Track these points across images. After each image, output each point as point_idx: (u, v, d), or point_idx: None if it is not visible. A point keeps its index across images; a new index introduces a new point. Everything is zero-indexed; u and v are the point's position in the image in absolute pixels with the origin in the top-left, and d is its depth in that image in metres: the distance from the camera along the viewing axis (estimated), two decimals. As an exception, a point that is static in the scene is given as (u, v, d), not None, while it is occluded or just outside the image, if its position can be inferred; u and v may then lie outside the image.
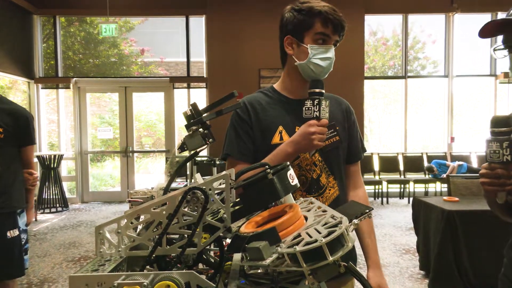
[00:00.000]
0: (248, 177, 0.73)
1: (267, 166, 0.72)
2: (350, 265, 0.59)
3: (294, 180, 0.72)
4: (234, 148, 1.31)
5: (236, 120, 1.33)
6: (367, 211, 0.69)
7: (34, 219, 6.07)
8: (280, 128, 1.29)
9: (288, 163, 0.75)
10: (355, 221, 0.65)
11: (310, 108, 1.17)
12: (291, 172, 0.72)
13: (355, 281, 1.39)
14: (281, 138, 1.28)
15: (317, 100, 1.16)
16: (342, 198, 1.34)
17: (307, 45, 1.25)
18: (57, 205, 6.80)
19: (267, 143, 1.28)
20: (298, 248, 0.55)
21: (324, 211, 0.70)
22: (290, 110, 1.32)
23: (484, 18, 8.00)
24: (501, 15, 7.87)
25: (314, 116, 1.16)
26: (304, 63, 1.26)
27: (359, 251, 1.32)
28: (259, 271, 0.67)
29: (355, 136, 1.43)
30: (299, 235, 0.61)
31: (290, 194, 0.76)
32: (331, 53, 1.25)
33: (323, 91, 1.19)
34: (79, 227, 5.62)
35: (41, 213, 6.58)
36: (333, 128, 1.29)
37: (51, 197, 6.74)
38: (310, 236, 0.58)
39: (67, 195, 7.33)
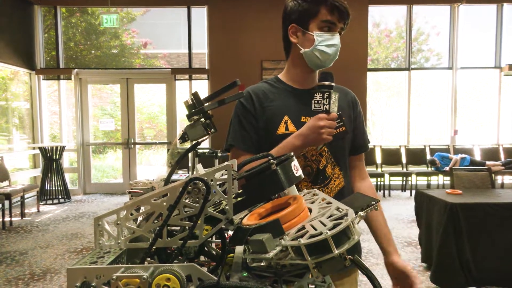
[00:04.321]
0: (251, 167, 0.71)
1: (270, 157, 0.70)
2: (356, 258, 0.57)
3: (298, 171, 0.70)
4: (238, 139, 1.30)
5: (240, 110, 1.31)
6: (374, 203, 0.67)
7: (37, 210, 6.10)
8: (286, 118, 1.27)
9: (292, 153, 0.73)
10: (361, 213, 0.63)
11: (319, 102, 1.15)
12: (295, 163, 0.70)
13: (358, 273, 1.37)
14: (287, 128, 1.26)
15: (327, 93, 1.14)
16: (347, 189, 1.33)
17: (313, 33, 1.23)
18: (60, 196, 6.82)
19: (272, 133, 1.27)
20: (303, 240, 0.53)
21: (329, 203, 0.68)
22: (296, 100, 1.29)
23: (490, 9, 7.90)
24: (507, 7, 7.77)
25: (324, 109, 1.14)
26: (309, 50, 1.24)
27: (363, 243, 1.30)
28: (262, 264, 0.65)
29: (360, 127, 1.41)
30: (303, 228, 0.59)
31: (294, 185, 0.74)
32: (336, 40, 1.23)
33: (333, 84, 1.17)
34: (82, 218, 5.64)
35: (44, 204, 6.60)
36: (340, 119, 1.27)
37: (54, 188, 6.76)
38: (315, 229, 0.56)
39: (69, 186, 7.35)
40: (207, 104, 0.82)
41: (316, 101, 1.16)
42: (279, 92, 1.32)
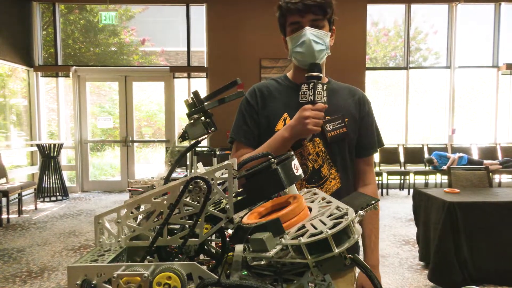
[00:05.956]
0: (252, 166, 0.71)
1: (270, 156, 0.70)
2: (356, 257, 0.58)
3: (298, 170, 0.71)
4: (240, 133, 1.33)
5: (244, 105, 1.35)
6: (373, 202, 0.68)
7: (34, 208, 6.09)
8: (285, 115, 1.29)
9: (292, 152, 0.73)
10: (361, 212, 0.63)
11: (305, 92, 1.16)
12: (295, 162, 0.71)
13: (355, 274, 1.37)
14: (285, 125, 1.27)
15: (312, 84, 1.15)
16: (344, 191, 1.29)
17: (286, 38, 1.29)
18: (57, 194, 6.80)
19: (271, 129, 1.28)
20: (303, 239, 0.54)
21: (329, 202, 0.68)
22: (297, 97, 1.30)
23: (488, 8, 7.91)
24: (504, 6, 7.78)
25: (309, 100, 1.15)
26: (290, 55, 1.30)
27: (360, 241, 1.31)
28: (262, 262, 0.65)
29: (368, 128, 1.37)
30: (303, 227, 0.59)
31: (294, 184, 0.74)
32: (304, 36, 1.22)
33: (321, 74, 1.18)
34: (79, 216, 5.63)
35: (41, 201, 6.59)
36: (341, 120, 1.26)
37: (51, 186, 6.75)
38: (315, 228, 0.56)
39: (67, 184, 7.34)
40: (207, 103, 0.83)
41: (302, 92, 1.17)
42: (284, 90, 1.34)
